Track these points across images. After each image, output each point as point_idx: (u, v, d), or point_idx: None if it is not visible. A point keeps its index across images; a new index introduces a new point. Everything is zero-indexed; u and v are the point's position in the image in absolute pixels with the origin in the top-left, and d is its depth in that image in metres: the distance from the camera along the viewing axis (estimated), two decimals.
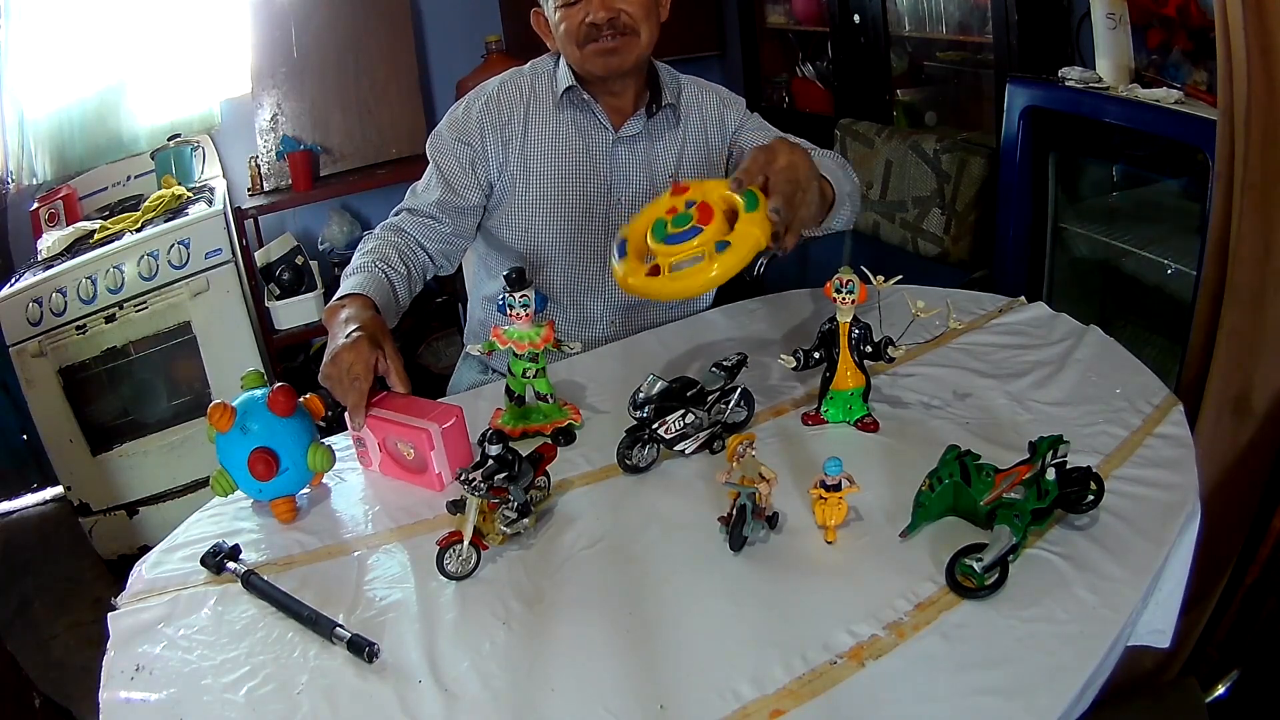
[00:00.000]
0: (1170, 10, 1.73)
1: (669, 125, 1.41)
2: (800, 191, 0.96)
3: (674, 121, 1.41)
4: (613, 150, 1.38)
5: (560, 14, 1.29)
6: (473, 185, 1.36)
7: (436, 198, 1.35)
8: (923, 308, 1.16)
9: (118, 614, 0.87)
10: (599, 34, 1.27)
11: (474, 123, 1.36)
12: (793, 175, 0.96)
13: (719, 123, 1.44)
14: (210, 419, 0.94)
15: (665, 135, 1.41)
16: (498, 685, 0.73)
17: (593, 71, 1.32)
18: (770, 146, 0.99)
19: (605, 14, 1.26)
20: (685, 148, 1.42)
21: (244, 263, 2.45)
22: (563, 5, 1.28)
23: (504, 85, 1.39)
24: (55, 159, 2.49)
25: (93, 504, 2.29)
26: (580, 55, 1.30)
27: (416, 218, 1.36)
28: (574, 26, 1.28)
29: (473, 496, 0.85)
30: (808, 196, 0.98)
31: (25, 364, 2.15)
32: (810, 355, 1.04)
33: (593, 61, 1.30)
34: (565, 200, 1.37)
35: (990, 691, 0.67)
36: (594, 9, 1.26)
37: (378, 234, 1.34)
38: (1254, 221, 1.25)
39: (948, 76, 2.56)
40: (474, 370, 1.50)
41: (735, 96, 1.47)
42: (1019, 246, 2.10)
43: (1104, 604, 0.74)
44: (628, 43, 1.29)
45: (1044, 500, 0.81)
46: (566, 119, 1.37)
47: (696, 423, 0.99)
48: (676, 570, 0.84)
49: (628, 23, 1.28)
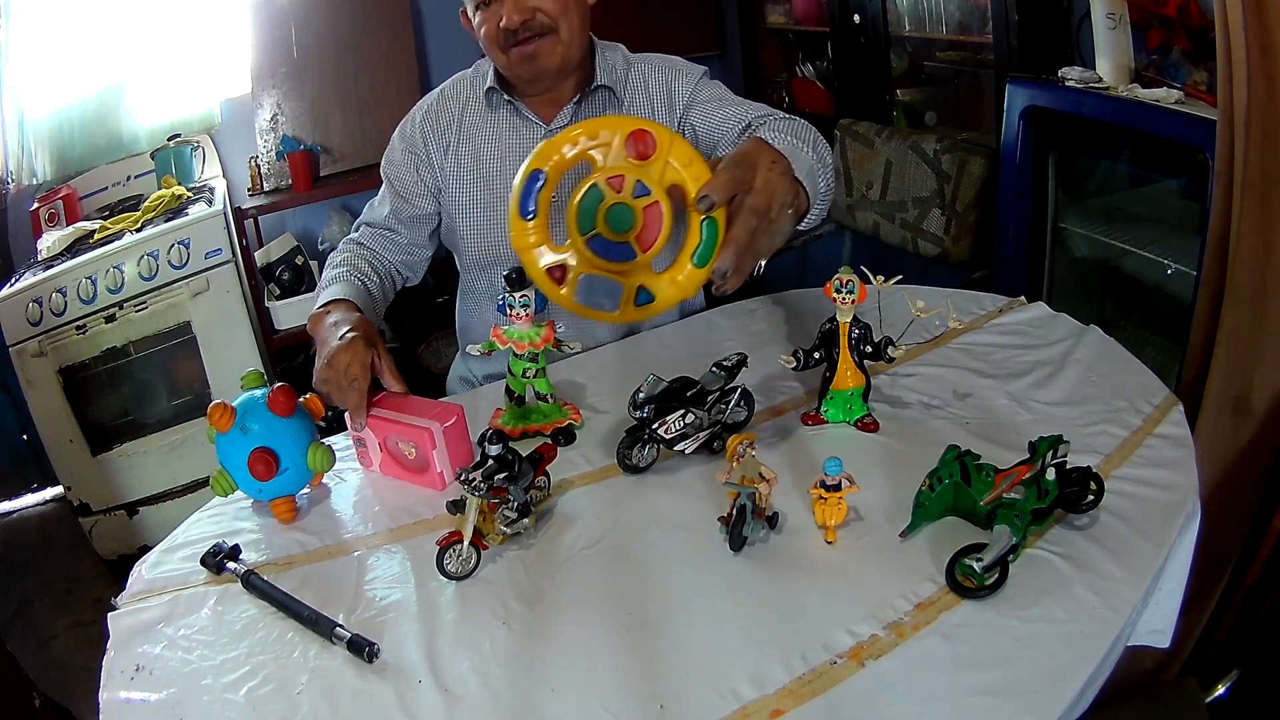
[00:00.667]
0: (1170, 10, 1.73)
1: (606, 108, 1.33)
2: (768, 223, 0.85)
3: (613, 103, 1.33)
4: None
5: (479, 17, 1.25)
6: (423, 193, 1.36)
7: (389, 209, 1.36)
8: (923, 308, 1.16)
9: (118, 614, 0.87)
10: (515, 39, 1.22)
11: (417, 130, 1.35)
12: (765, 204, 0.85)
13: (666, 95, 1.33)
14: (210, 419, 0.94)
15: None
16: (498, 685, 0.73)
17: (521, 75, 1.28)
18: (750, 159, 0.87)
19: (519, 16, 1.20)
20: None
21: (244, 263, 2.45)
22: (479, 7, 1.24)
23: (444, 92, 1.38)
24: (55, 159, 2.49)
25: (93, 504, 2.29)
26: (506, 60, 1.26)
27: (375, 230, 1.38)
28: (492, 31, 1.23)
29: (473, 496, 0.85)
30: (774, 228, 0.87)
31: (25, 364, 2.15)
32: (810, 355, 1.04)
33: (518, 66, 1.26)
34: (502, 200, 1.32)
35: (990, 691, 0.67)
36: (507, 11, 1.20)
37: (342, 248, 1.35)
38: (1254, 221, 1.25)
39: (948, 76, 2.56)
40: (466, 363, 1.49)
41: (692, 66, 1.37)
42: (1019, 246, 2.10)
43: (1104, 604, 0.74)
44: (548, 44, 1.23)
45: (1044, 500, 0.81)
46: (499, 118, 1.34)
47: (696, 423, 0.99)
48: (676, 570, 0.84)
49: (545, 22, 1.22)
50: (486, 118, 1.34)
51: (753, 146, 0.90)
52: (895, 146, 2.34)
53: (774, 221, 0.86)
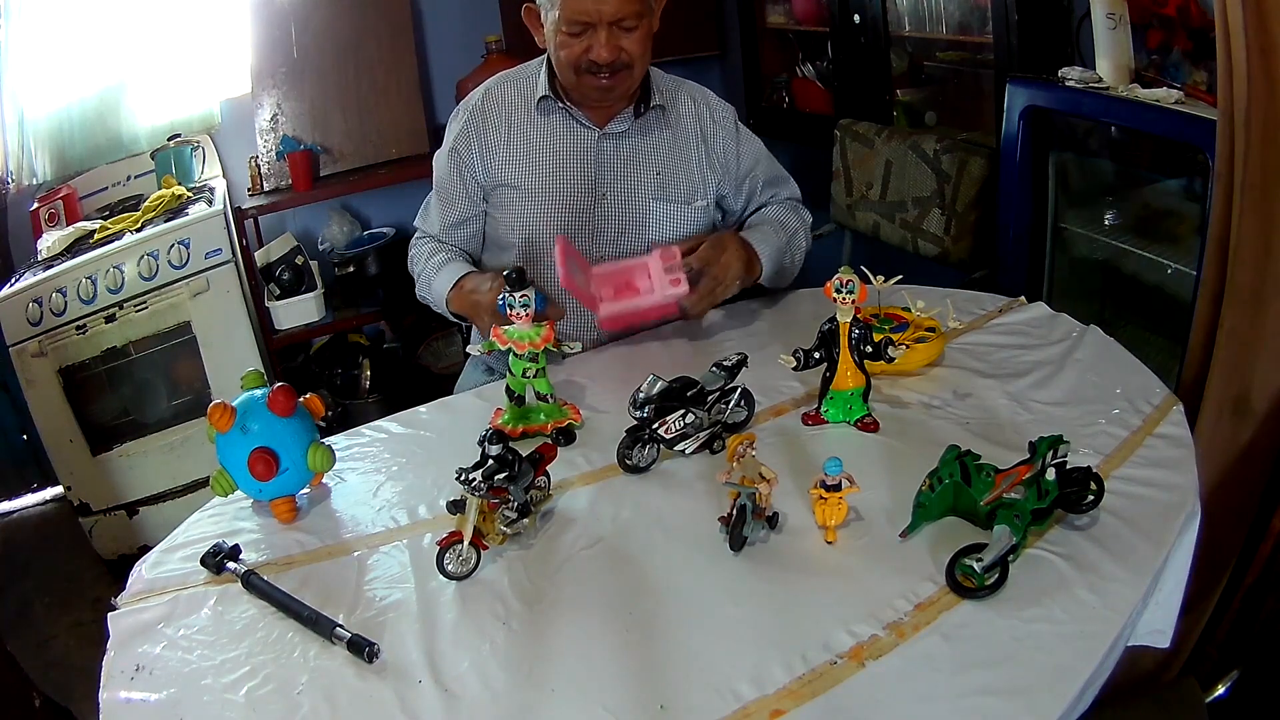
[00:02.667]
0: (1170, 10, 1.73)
1: (657, 124, 1.43)
2: (722, 287, 1.31)
3: (663, 122, 1.43)
4: (599, 146, 1.40)
5: (561, 38, 1.29)
6: (464, 196, 1.44)
7: (443, 220, 1.46)
8: (922, 307, 1.16)
9: (118, 614, 0.87)
10: (598, 70, 1.29)
11: (460, 134, 1.41)
12: (721, 277, 1.30)
13: (701, 138, 1.45)
14: (210, 419, 0.94)
15: (653, 133, 1.43)
16: (498, 685, 0.73)
17: (588, 99, 1.36)
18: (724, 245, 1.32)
19: (609, 55, 1.28)
20: (674, 148, 1.44)
21: (244, 263, 2.45)
22: (567, 32, 1.28)
23: (490, 92, 1.43)
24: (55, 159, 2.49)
25: (93, 504, 2.29)
26: (577, 82, 1.33)
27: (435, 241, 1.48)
28: (574, 56, 1.29)
29: (473, 496, 0.85)
30: (725, 291, 1.32)
31: (25, 364, 2.15)
32: (810, 355, 1.04)
33: (587, 93, 1.34)
34: (554, 199, 1.40)
35: (990, 691, 0.67)
36: (598, 47, 1.27)
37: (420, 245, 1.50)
38: (1254, 221, 1.25)
39: (948, 76, 2.56)
40: (478, 371, 1.51)
41: (724, 110, 1.49)
42: (1019, 246, 2.09)
43: (1104, 604, 0.74)
44: (623, 77, 1.32)
45: (1044, 500, 0.81)
46: (550, 121, 1.40)
47: (696, 423, 0.99)
48: (676, 570, 0.84)
49: (627, 61, 1.30)
50: (538, 121, 1.40)
51: (726, 239, 1.34)
52: (895, 146, 2.34)
53: (727, 288, 1.32)
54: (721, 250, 1.30)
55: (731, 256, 1.30)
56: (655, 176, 1.43)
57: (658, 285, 1.24)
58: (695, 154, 1.45)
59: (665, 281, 1.23)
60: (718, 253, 1.30)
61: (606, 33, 1.26)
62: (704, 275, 1.28)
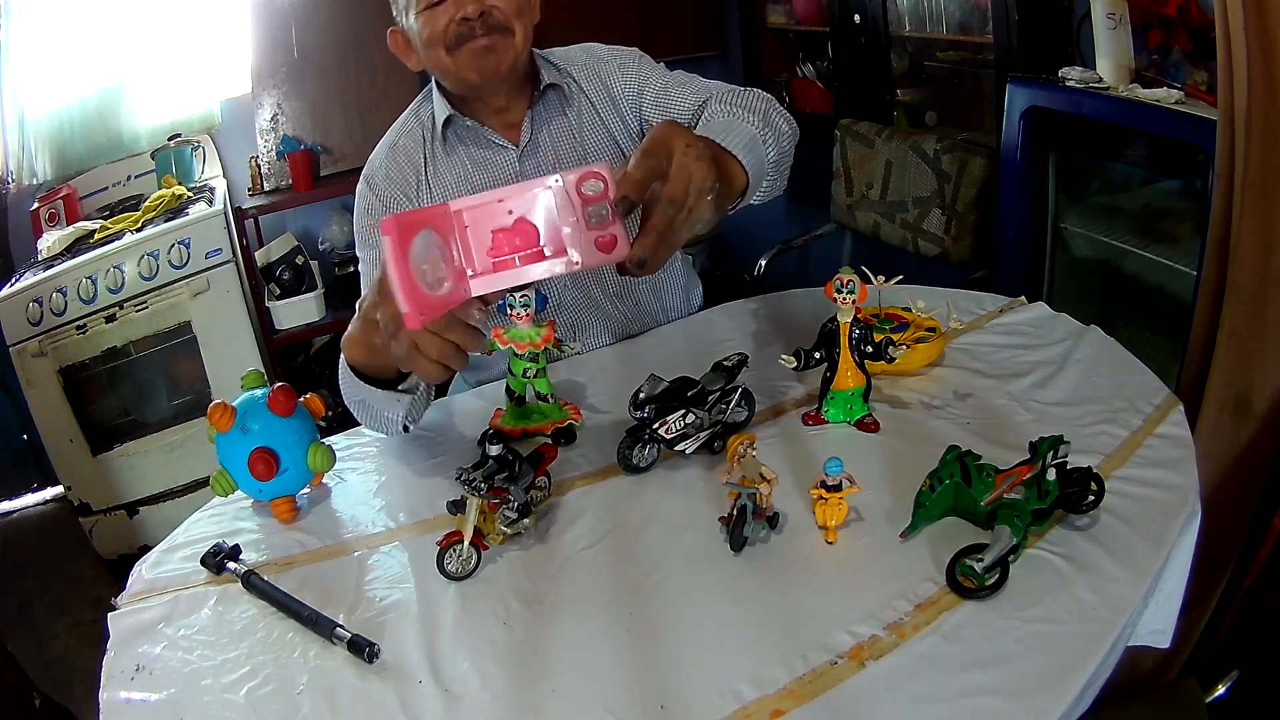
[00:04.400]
0: (1170, 10, 1.73)
1: (558, 109, 1.29)
2: (685, 211, 0.80)
3: (561, 103, 1.29)
4: (520, 169, 1.28)
5: (422, 19, 1.16)
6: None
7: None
8: (923, 307, 1.16)
9: (118, 614, 0.87)
10: (471, 31, 1.14)
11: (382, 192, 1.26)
12: (680, 192, 0.79)
13: (605, 93, 1.30)
14: (210, 419, 0.94)
15: (556, 121, 1.29)
16: (498, 685, 0.73)
17: (469, 79, 1.18)
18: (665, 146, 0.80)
19: (475, 5, 1.13)
20: (582, 125, 1.30)
21: (244, 263, 2.46)
22: (424, 9, 1.15)
23: (396, 145, 1.29)
24: (55, 159, 2.49)
25: (93, 504, 2.29)
26: (453, 61, 1.17)
27: None
28: (440, 29, 1.15)
29: (473, 496, 0.85)
30: (693, 216, 0.81)
31: (25, 364, 2.16)
32: (810, 355, 1.04)
33: (468, 66, 1.17)
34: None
35: (990, 692, 0.67)
36: (461, 3, 1.13)
37: None
38: (1254, 221, 1.25)
39: (948, 76, 2.56)
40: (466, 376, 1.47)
41: (617, 52, 1.32)
42: (1019, 246, 2.09)
43: (1104, 604, 0.74)
44: (503, 41, 1.17)
45: (1044, 500, 0.81)
46: (463, 155, 1.27)
47: (697, 423, 0.99)
48: (677, 570, 0.84)
49: (500, 19, 1.16)
50: (448, 158, 1.27)
51: (665, 132, 0.82)
52: (895, 146, 2.34)
53: (693, 210, 0.81)
54: (667, 154, 0.80)
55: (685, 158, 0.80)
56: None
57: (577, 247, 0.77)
58: (607, 117, 1.30)
59: (589, 240, 0.77)
60: (663, 160, 0.79)
61: None
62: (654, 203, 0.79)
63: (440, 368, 0.83)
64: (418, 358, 0.83)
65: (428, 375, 0.84)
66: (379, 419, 1.07)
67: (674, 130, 0.83)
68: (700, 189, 0.81)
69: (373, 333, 0.89)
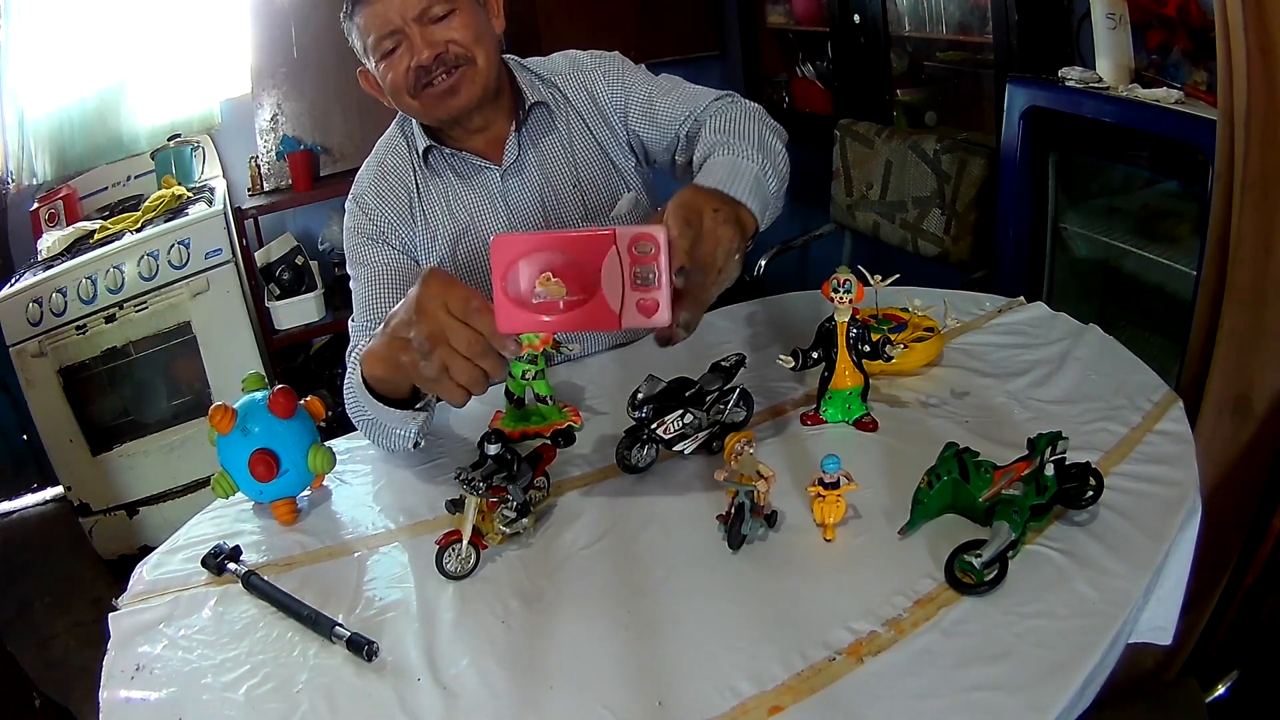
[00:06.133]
0: (1170, 10, 1.73)
1: (547, 127, 1.26)
2: (716, 273, 0.87)
3: (548, 120, 1.26)
4: (505, 187, 1.25)
5: (383, 67, 1.14)
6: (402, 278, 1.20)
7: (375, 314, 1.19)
8: (919, 306, 1.16)
9: (118, 614, 0.88)
10: (430, 76, 1.13)
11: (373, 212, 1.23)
12: (710, 259, 0.85)
13: (591, 103, 1.27)
14: (211, 421, 0.95)
15: (545, 139, 1.26)
16: (497, 684, 0.73)
17: (439, 116, 1.17)
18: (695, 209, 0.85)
19: (430, 51, 1.11)
20: (574, 141, 1.27)
21: (244, 263, 2.46)
22: (382, 58, 1.14)
23: (384, 163, 1.26)
24: (55, 159, 2.50)
25: (93, 504, 2.29)
26: (419, 105, 1.16)
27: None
28: (400, 76, 1.13)
29: (472, 496, 0.85)
30: (722, 276, 0.88)
31: (25, 364, 2.16)
32: (808, 355, 1.04)
33: (434, 107, 1.16)
34: (480, 261, 1.23)
35: (990, 687, 0.67)
36: (416, 50, 1.11)
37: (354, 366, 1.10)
38: (1254, 221, 1.25)
39: (948, 76, 2.56)
40: None
41: (600, 58, 1.28)
42: (1019, 246, 2.09)
43: (1104, 599, 0.74)
44: (468, 73, 1.14)
45: (1043, 496, 0.81)
46: (449, 176, 1.24)
47: (695, 423, 0.99)
48: (675, 569, 0.84)
49: (459, 53, 1.13)
50: (434, 179, 1.25)
51: (693, 198, 0.88)
52: (895, 146, 2.34)
53: (723, 271, 0.88)
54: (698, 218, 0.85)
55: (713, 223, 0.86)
56: (573, 189, 1.26)
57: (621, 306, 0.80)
58: (595, 128, 1.27)
59: (633, 301, 0.79)
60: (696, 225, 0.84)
61: (418, 32, 1.11)
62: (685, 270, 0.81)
63: (465, 392, 0.84)
64: (445, 380, 0.83)
65: (451, 397, 0.85)
66: (389, 436, 1.05)
67: (700, 196, 0.90)
68: (729, 251, 0.88)
69: (400, 350, 0.87)
